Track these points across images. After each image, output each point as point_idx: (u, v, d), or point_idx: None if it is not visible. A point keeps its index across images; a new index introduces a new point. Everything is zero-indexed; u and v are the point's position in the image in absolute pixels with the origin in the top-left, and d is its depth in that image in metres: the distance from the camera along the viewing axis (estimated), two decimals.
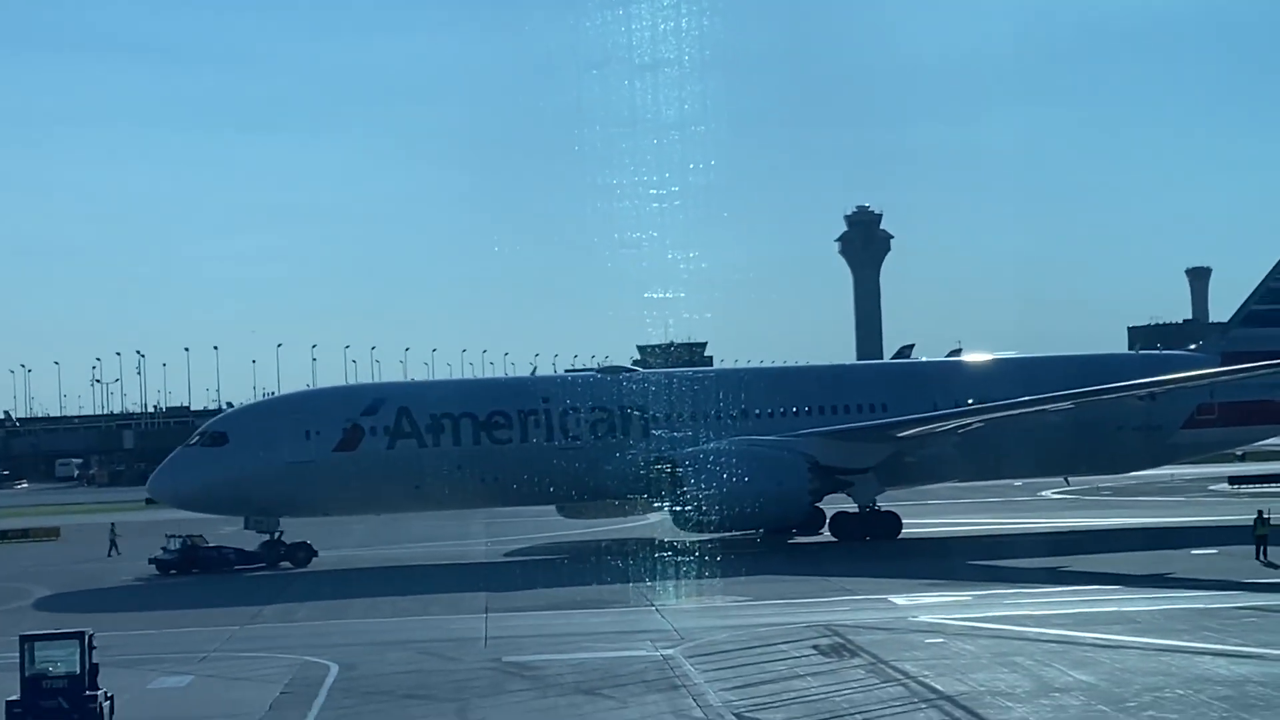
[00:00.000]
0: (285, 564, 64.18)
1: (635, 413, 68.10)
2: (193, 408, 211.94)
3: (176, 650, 41.62)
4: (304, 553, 64.77)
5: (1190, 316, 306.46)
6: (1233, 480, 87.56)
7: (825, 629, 39.90)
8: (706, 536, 63.10)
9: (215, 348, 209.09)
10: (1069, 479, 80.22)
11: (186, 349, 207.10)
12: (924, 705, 29.66)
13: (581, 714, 30.65)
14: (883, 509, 67.56)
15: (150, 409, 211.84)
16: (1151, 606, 42.39)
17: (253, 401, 74.62)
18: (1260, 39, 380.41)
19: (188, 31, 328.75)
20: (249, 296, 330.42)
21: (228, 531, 69.79)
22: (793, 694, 31.53)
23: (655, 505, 67.65)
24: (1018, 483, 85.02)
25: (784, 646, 37.69)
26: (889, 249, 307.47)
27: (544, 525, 75.84)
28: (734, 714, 29.71)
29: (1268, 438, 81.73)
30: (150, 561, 64.25)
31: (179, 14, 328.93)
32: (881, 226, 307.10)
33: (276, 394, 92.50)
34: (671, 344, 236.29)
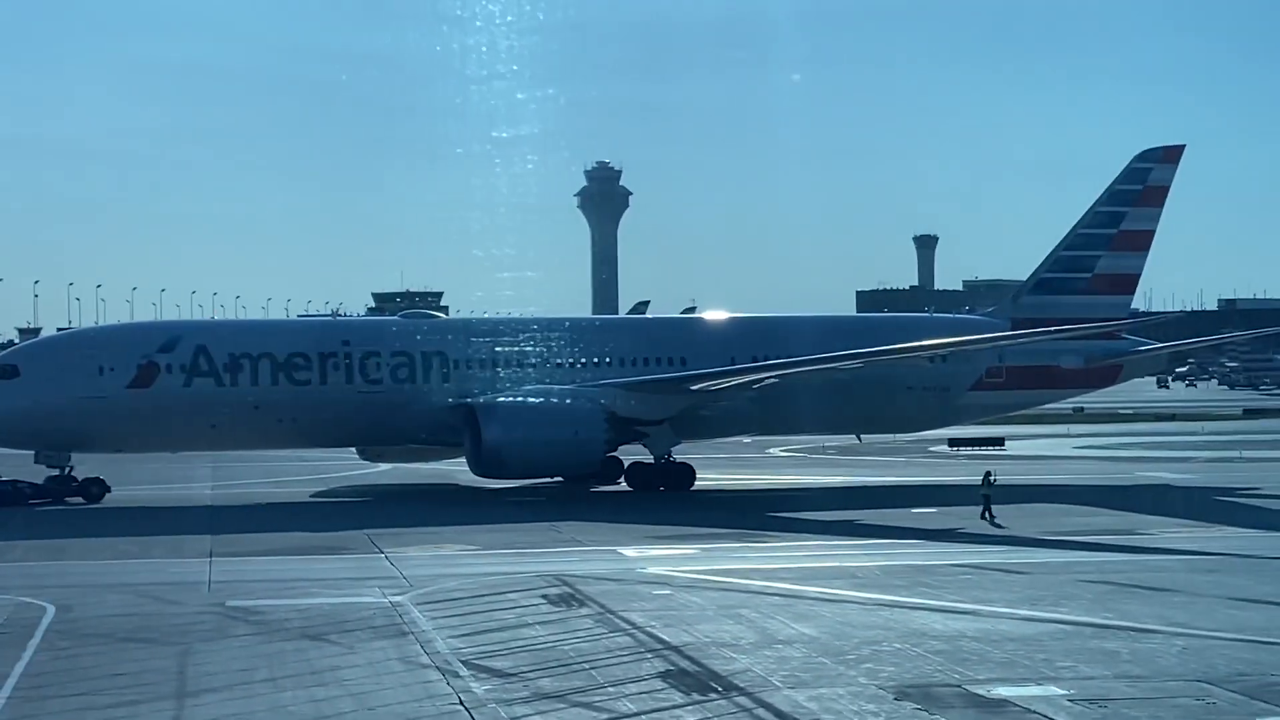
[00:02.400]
0: (77, 499, 63.35)
1: (436, 358, 68.20)
2: None
3: None
4: (97, 488, 64.16)
5: (916, 283, 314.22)
6: (952, 443, 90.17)
7: (555, 579, 40.11)
8: (503, 484, 63.92)
9: None
10: (860, 437, 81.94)
11: None
12: (650, 655, 29.98)
13: (307, 659, 30.32)
14: (677, 461, 68.52)
15: None
16: (872, 562, 43.43)
17: (46, 335, 72.70)
18: (990, 11, 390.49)
19: None
20: None
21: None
22: (521, 642, 31.63)
23: (455, 451, 67.86)
24: (746, 439, 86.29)
25: (513, 595, 37.80)
26: (627, 205, 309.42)
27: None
28: (461, 661, 29.69)
29: (1050, 401, 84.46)
30: None
31: None
32: (621, 183, 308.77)
33: (71, 328, 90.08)
34: (407, 292, 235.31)
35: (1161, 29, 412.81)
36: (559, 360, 69.63)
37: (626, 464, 69.62)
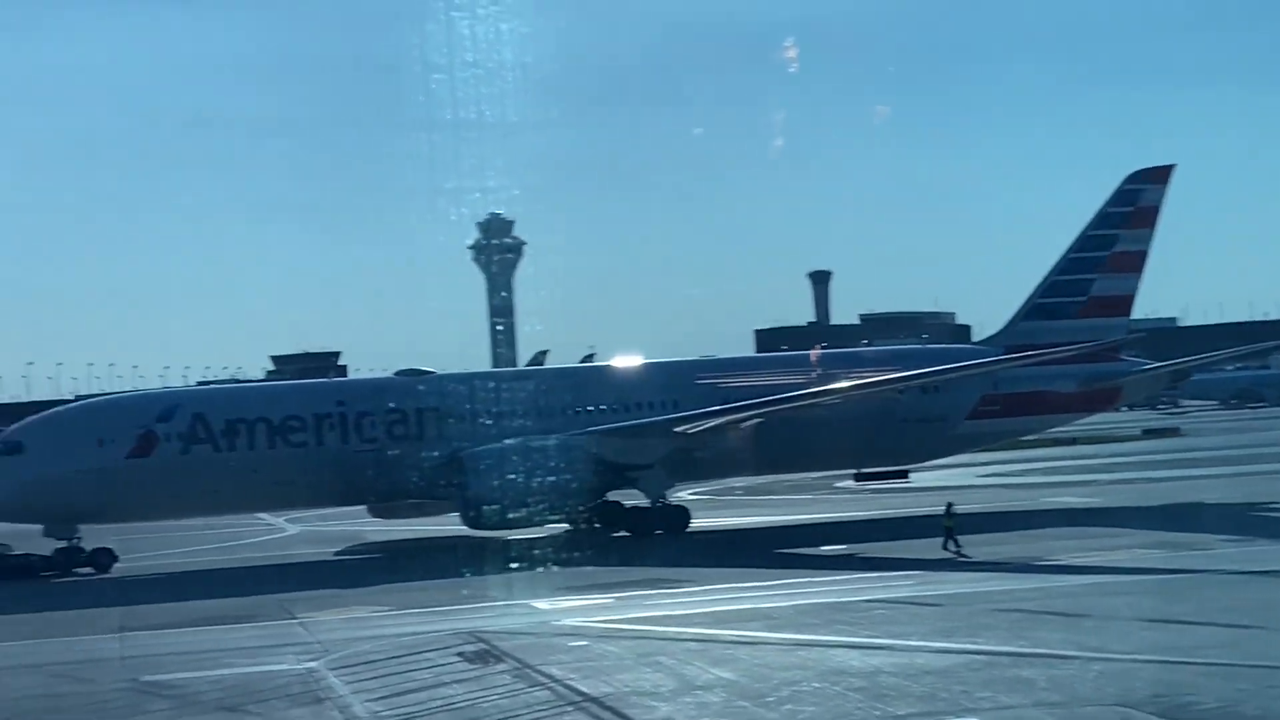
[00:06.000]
0: (87, 569, 64.01)
1: (429, 414, 68.79)
2: None
3: None
4: (105, 558, 64.85)
5: (814, 319, 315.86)
6: (858, 477, 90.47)
7: (470, 636, 39.92)
8: (496, 534, 64.53)
9: None
10: (860, 472, 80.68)
11: None
12: (570, 708, 29.92)
13: None
14: (673, 503, 69.29)
15: None
16: (786, 603, 43.54)
17: (49, 411, 72.98)
18: (865, 41, 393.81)
19: None
20: None
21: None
22: (439, 702, 31.47)
23: (447, 507, 68.26)
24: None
25: (429, 655, 37.57)
26: (521, 255, 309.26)
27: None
28: None
29: (1049, 428, 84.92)
30: None
31: None
32: (514, 234, 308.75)
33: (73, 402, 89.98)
34: (305, 353, 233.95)
35: (1025, 53, 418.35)
36: (548, 409, 70.08)
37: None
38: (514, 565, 56.92)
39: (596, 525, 68.94)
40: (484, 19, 68.81)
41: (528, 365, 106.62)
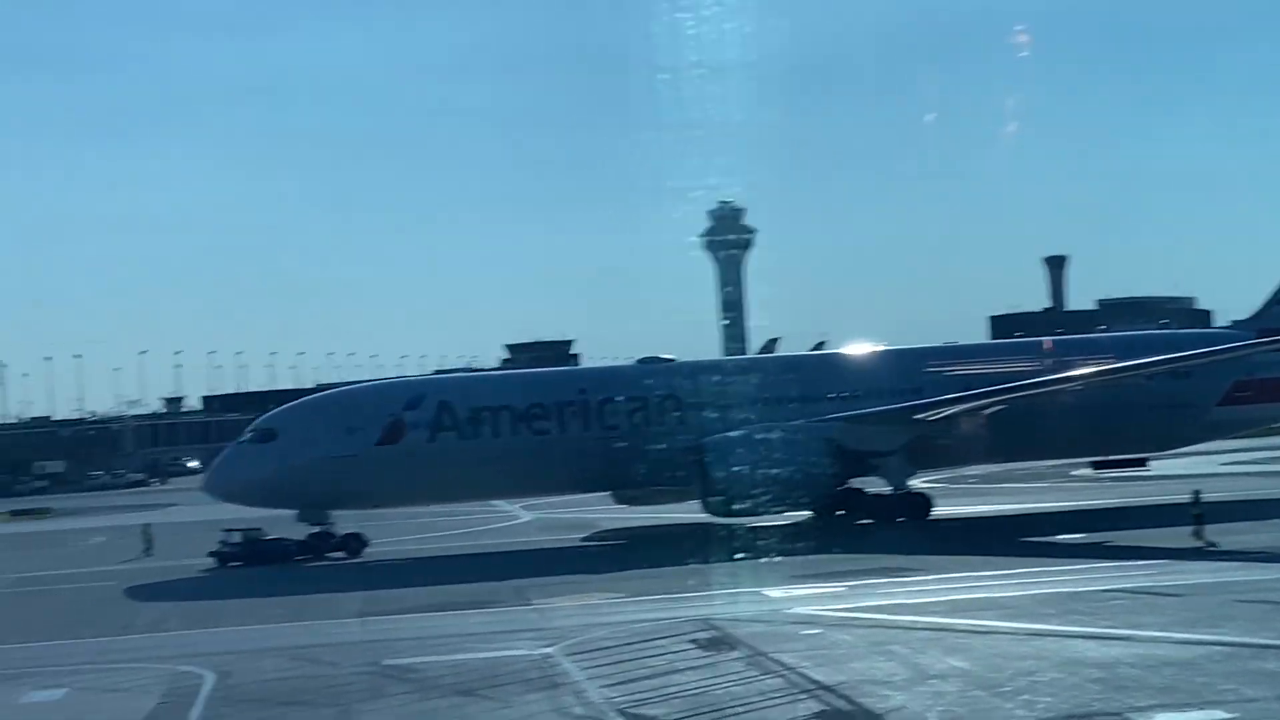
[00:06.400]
0: (339, 554, 66.00)
1: (670, 401, 69.42)
2: (55, 417, 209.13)
3: (49, 663, 41.04)
4: (356, 543, 66.75)
5: (1049, 305, 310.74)
6: (1096, 465, 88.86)
7: (703, 623, 40.07)
8: (738, 521, 64.29)
9: (77, 356, 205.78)
10: (1098, 461, 79.46)
11: (48, 358, 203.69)
12: (804, 696, 29.89)
13: (463, 715, 30.58)
14: (914, 490, 68.92)
15: (11, 420, 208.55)
16: (1022, 592, 43.02)
17: (301, 399, 75.79)
18: (1109, 30, 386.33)
19: (25, 37, 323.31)
20: (108, 304, 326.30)
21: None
22: (673, 688, 31.64)
23: (691, 493, 68.59)
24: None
25: (662, 642, 37.81)
26: (752, 244, 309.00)
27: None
28: (615, 710, 29.77)
29: None
30: (210, 555, 65.89)
31: (13, 19, 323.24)
32: (744, 221, 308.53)
33: (323, 390, 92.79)
34: (539, 341, 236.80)
35: None
36: (790, 396, 70.24)
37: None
38: (749, 553, 56.90)
39: (839, 513, 68.76)
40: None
41: (759, 354, 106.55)
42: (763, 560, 55.34)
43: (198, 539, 71.75)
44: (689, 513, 68.85)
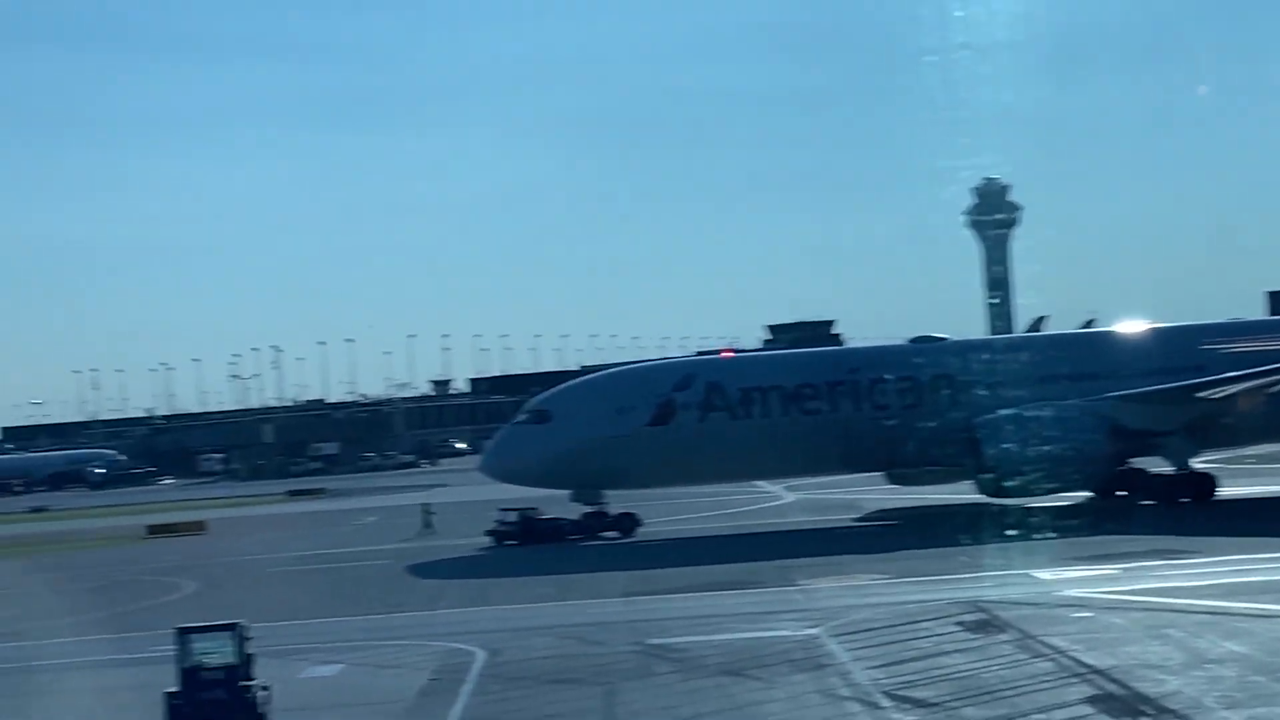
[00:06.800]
0: (612, 534, 66.56)
1: (942, 380, 68.99)
2: (329, 400, 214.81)
3: (327, 639, 42.16)
4: (629, 522, 67.33)
5: None
6: None
7: (970, 605, 39.58)
8: (1011, 501, 63.34)
9: (349, 340, 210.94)
10: None
11: (321, 343, 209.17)
12: (1075, 680, 29.35)
13: (729, 695, 30.66)
14: (1198, 470, 67.41)
15: (288, 403, 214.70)
16: None
17: (574, 380, 77.21)
18: None
19: (309, 32, 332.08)
20: (378, 290, 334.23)
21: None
22: (940, 671, 31.33)
23: (965, 473, 67.88)
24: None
25: (929, 624, 37.44)
26: (1018, 221, 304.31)
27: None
28: (882, 692, 29.56)
29: None
30: (487, 534, 67.17)
31: (300, 14, 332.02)
32: (1010, 198, 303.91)
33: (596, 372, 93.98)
34: (800, 322, 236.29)
35: None
36: (1056, 375, 69.01)
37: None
38: (1019, 534, 55.88)
39: (1119, 493, 67.27)
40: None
41: (1026, 332, 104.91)
42: (1034, 541, 54.35)
43: (472, 518, 73.09)
44: (962, 493, 67.97)
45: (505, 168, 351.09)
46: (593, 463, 66.72)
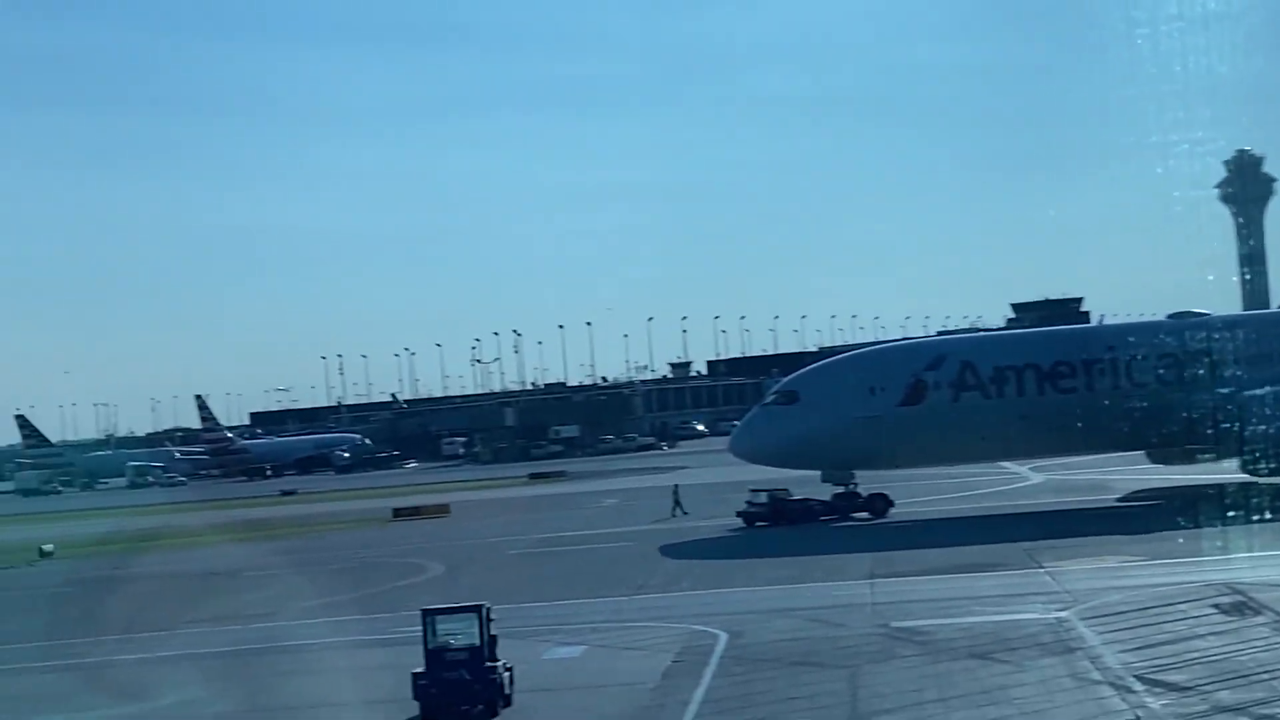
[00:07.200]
0: (863, 514, 66.40)
1: (1203, 357, 67.28)
2: (569, 383, 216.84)
3: (572, 620, 42.44)
4: (881, 503, 67.11)
5: None
6: None
7: (1225, 587, 38.44)
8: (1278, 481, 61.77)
9: (588, 324, 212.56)
10: None
11: (561, 326, 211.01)
12: None
13: (976, 679, 30.16)
14: None
15: (528, 386, 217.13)
16: None
17: (822, 361, 77.34)
18: None
19: (525, 18, 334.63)
20: (618, 273, 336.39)
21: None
22: (1194, 654, 30.49)
23: (1229, 451, 65.96)
24: None
25: (1182, 606, 36.45)
26: (1273, 194, 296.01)
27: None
28: (1134, 676, 28.84)
29: None
30: (738, 515, 67.62)
31: (505, 2, 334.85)
32: (1263, 170, 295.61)
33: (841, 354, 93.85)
34: (1046, 300, 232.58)
35: None
36: None
37: None
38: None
39: None
40: None
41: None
42: None
43: (719, 500, 73.08)
44: (1226, 473, 66.02)
45: (739, 148, 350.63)
46: (843, 443, 66.25)
